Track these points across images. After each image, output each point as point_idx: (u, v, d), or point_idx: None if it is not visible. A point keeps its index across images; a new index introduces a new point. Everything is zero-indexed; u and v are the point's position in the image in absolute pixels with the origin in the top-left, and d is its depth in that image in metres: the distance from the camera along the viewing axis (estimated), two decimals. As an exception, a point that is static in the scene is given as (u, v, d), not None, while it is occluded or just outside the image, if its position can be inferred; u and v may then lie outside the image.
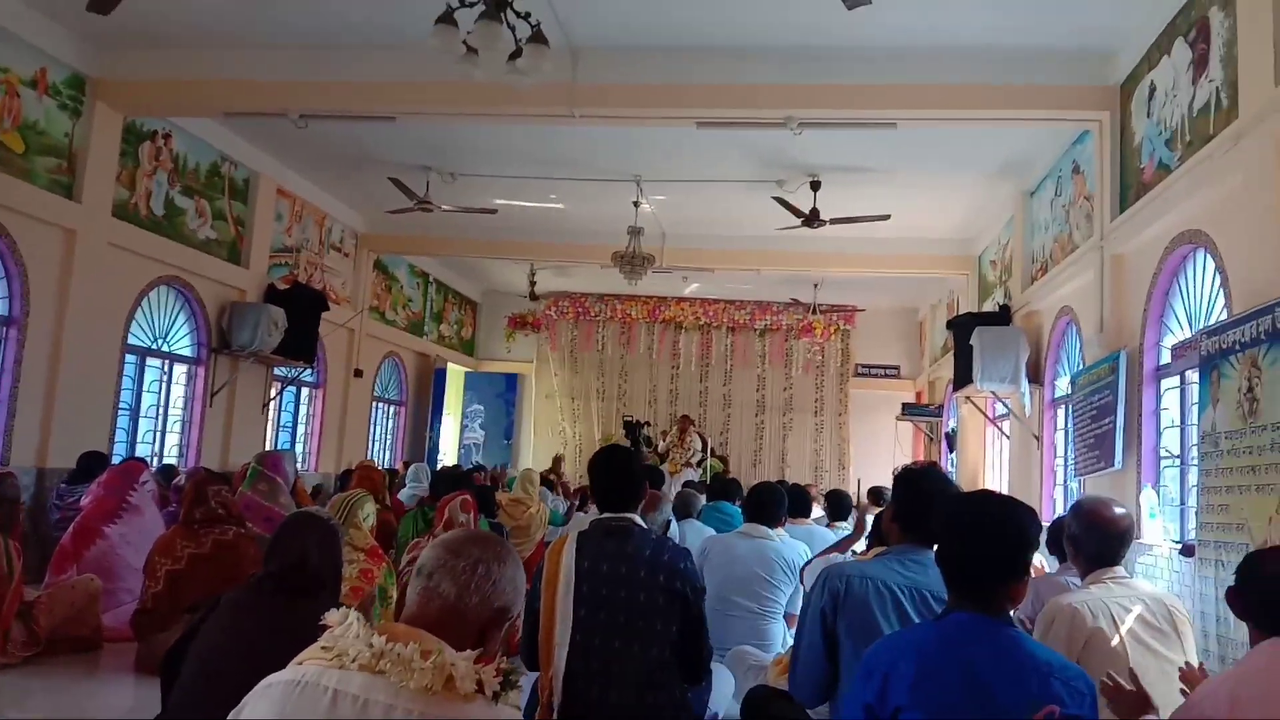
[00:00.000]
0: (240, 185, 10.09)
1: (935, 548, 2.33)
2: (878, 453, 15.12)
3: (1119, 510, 3.14)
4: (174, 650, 2.94)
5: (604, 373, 17.02)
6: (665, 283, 14.63)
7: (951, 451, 12.99)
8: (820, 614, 2.91)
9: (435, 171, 10.19)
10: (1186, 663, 2.73)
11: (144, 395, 9.04)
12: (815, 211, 9.62)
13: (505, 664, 1.61)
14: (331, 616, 1.61)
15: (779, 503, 5.27)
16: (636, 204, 10.43)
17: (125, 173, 8.33)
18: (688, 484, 9.85)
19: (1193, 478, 5.66)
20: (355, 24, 7.12)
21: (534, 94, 6.95)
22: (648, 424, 15.44)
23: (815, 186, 9.65)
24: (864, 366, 16.65)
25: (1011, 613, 4.05)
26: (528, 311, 16.92)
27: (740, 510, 7.00)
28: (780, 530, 5.24)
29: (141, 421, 9.04)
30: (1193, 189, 5.59)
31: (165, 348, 9.29)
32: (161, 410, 9.33)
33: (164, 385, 9.33)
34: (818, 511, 8.02)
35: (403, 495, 8.76)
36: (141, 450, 8.93)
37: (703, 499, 7.62)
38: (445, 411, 16.22)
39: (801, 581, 4.46)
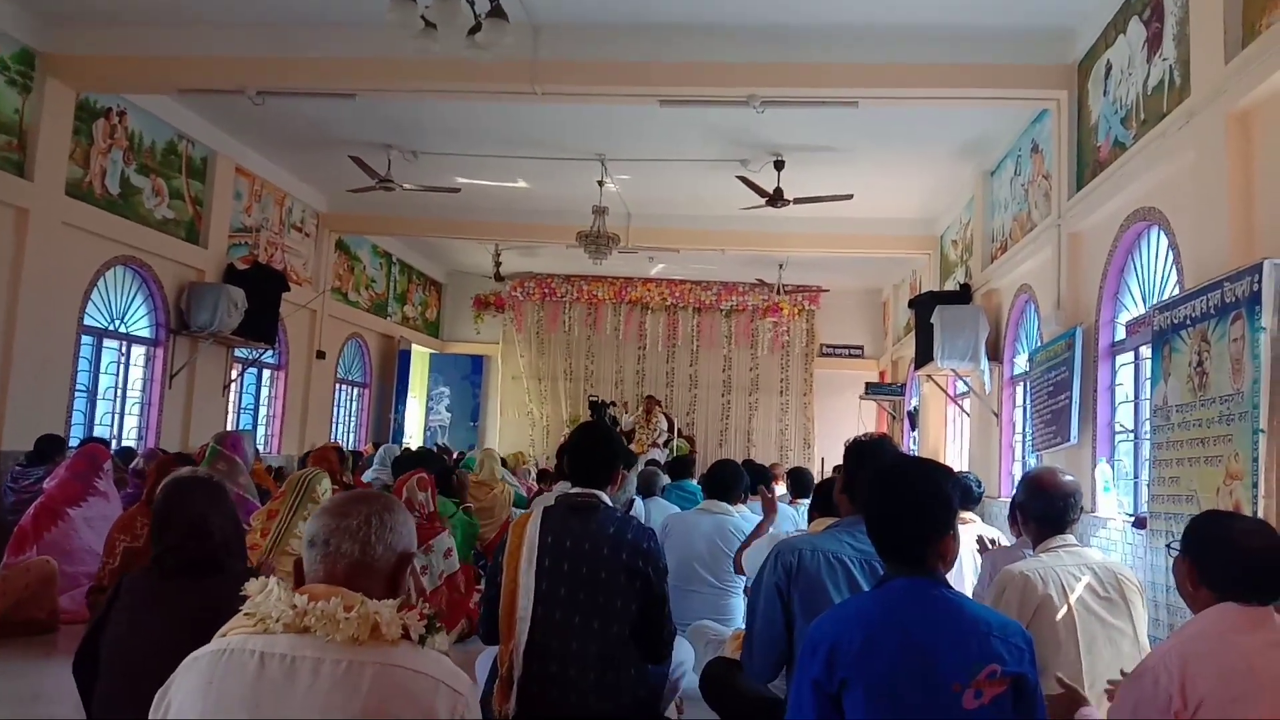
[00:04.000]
0: (198, 164, 9.94)
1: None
2: (842, 431, 15.16)
3: (1065, 477, 3.20)
4: (83, 649, 2.69)
5: (571, 354, 17.01)
6: (631, 263, 14.62)
7: (914, 429, 13.14)
8: (775, 589, 2.94)
9: (397, 150, 10.09)
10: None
11: (101, 377, 8.91)
12: (779, 191, 9.65)
13: (427, 609, 1.62)
14: (251, 586, 1.62)
15: (738, 480, 5.31)
16: (601, 183, 10.39)
17: (79, 150, 8.17)
18: (651, 463, 9.90)
19: (1146, 451, 5.77)
20: (312, -1, 7.02)
21: (495, 70, 6.91)
22: (613, 404, 15.48)
23: (779, 166, 9.67)
24: (828, 346, 16.77)
25: (969, 592, 4.11)
26: (493, 292, 16.85)
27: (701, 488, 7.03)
28: (741, 507, 5.29)
29: (99, 403, 8.91)
30: (1147, 167, 5.67)
31: (123, 329, 9.15)
32: (119, 392, 9.21)
33: (122, 366, 9.20)
34: (780, 489, 8.08)
35: (366, 477, 8.71)
36: (100, 432, 8.79)
37: (666, 477, 7.68)
38: (410, 393, 16.14)
39: (740, 570, 4.50)
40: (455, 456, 11.50)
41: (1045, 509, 3.13)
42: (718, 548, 4.99)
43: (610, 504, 3.24)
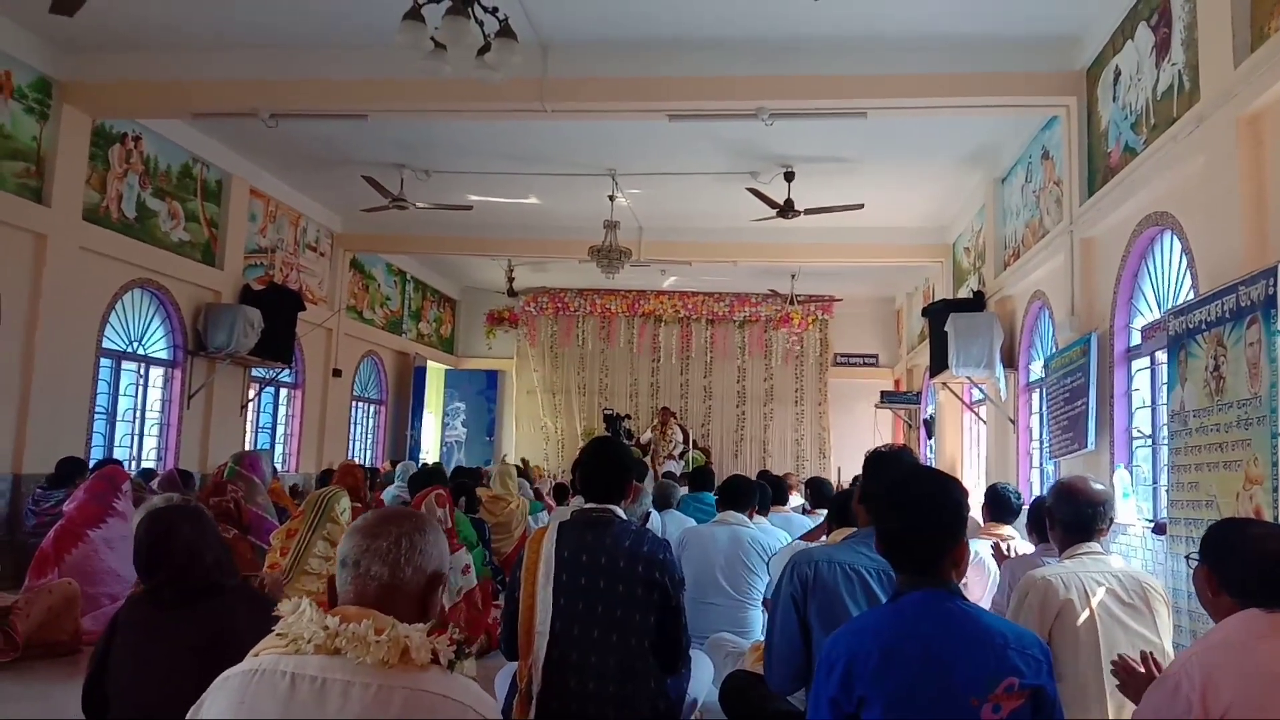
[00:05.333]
0: (213, 186, 10.03)
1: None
2: (858, 441, 15.14)
3: (1096, 485, 3.19)
4: (90, 685, 2.69)
5: (584, 367, 17.03)
6: (643, 276, 14.65)
7: (930, 438, 13.08)
8: (791, 601, 2.95)
9: (409, 169, 10.17)
10: (1143, 651, 2.72)
11: (120, 399, 8.99)
12: (790, 202, 9.67)
13: (458, 635, 1.63)
14: (284, 606, 1.62)
15: (750, 491, 5.32)
16: (612, 198, 10.44)
17: (95, 176, 8.28)
18: (667, 475, 9.89)
19: (1164, 457, 5.74)
20: (323, 22, 7.09)
21: (505, 89, 6.95)
22: (628, 417, 15.50)
23: (789, 177, 9.69)
24: (842, 356, 16.74)
25: (988, 604, 4.08)
26: (506, 308, 16.90)
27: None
28: (760, 519, 5.29)
29: (118, 425, 8.99)
30: (1158, 171, 5.66)
31: (141, 351, 9.23)
32: (138, 414, 9.28)
33: (140, 388, 9.29)
34: (797, 499, 8.08)
35: (386, 495, 8.74)
36: (119, 454, 8.87)
37: (682, 490, 7.68)
38: (426, 409, 16.20)
39: (769, 572, 4.51)
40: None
41: (1074, 516, 3.12)
42: (735, 559, 4.99)
43: (625, 518, 3.25)
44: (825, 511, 6.59)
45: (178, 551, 2.69)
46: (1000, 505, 4.99)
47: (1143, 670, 2.50)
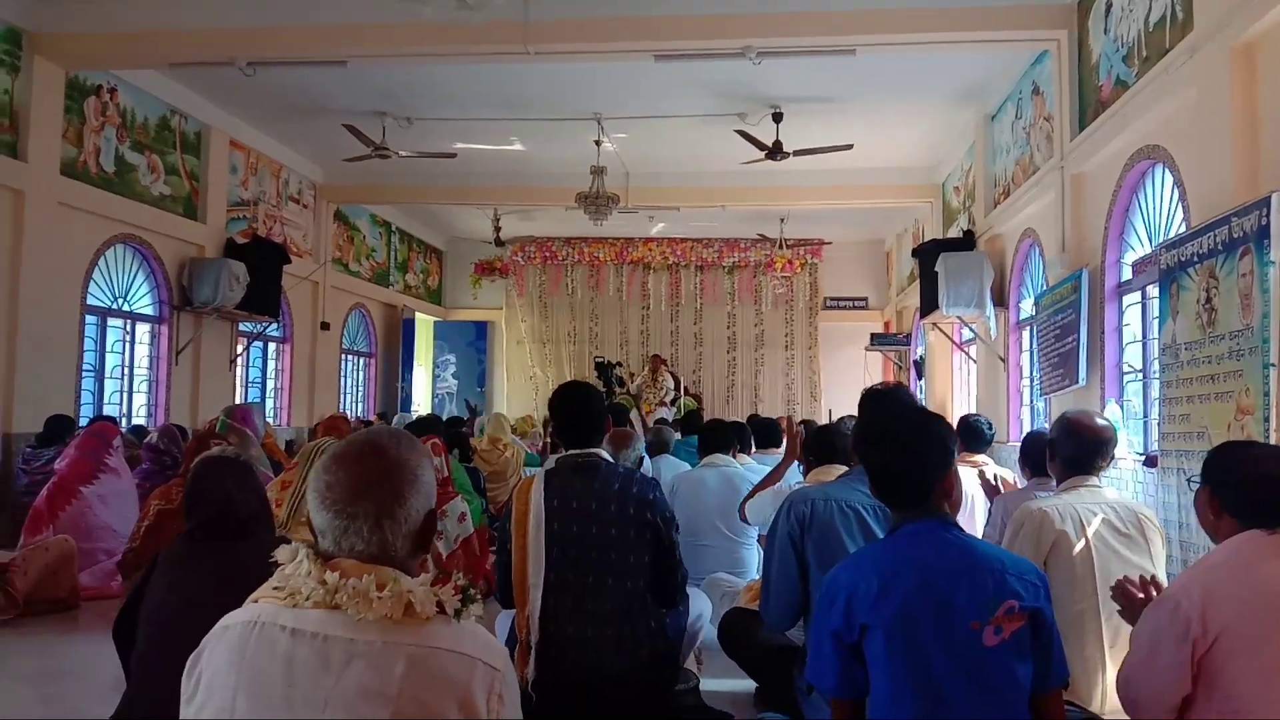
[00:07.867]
0: (192, 139, 9.87)
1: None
2: (848, 383, 15.24)
3: (1101, 421, 3.19)
4: (122, 615, 2.83)
5: (574, 316, 16.97)
6: (631, 223, 14.54)
7: (920, 378, 13.13)
8: (789, 540, 2.96)
9: (391, 117, 9.99)
10: (1143, 575, 2.72)
11: (107, 356, 8.93)
12: (778, 144, 9.55)
13: (463, 580, 1.58)
14: (282, 553, 1.56)
15: (729, 434, 5.43)
16: (598, 143, 10.30)
17: (71, 129, 8.11)
18: (659, 422, 9.90)
19: (1155, 391, 5.77)
20: (299, -35, 6.93)
21: (486, 31, 6.84)
22: (619, 365, 15.49)
23: (777, 119, 9.57)
24: (832, 299, 16.71)
25: (980, 534, 4.12)
26: (494, 258, 16.77)
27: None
28: (745, 458, 5.34)
29: (107, 382, 8.94)
30: (1150, 104, 5.61)
31: (126, 307, 9.14)
32: (126, 370, 9.22)
33: (127, 345, 9.21)
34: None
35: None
36: (109, 411, 8.82)
37: (676, 434, 7.70)
38: (416, 362, 16.16)
39: (744, 519, 4.52)
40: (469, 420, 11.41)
41: (1075, 451, 3.11)
42: (727, 500, 5.02)
43: (611, 460, 3.25)
44: (780, 452, 6.55)
45: (216, 497, 2.85)
46: (973, 435, 5.17)
47: (1142, 596, 2.51)
